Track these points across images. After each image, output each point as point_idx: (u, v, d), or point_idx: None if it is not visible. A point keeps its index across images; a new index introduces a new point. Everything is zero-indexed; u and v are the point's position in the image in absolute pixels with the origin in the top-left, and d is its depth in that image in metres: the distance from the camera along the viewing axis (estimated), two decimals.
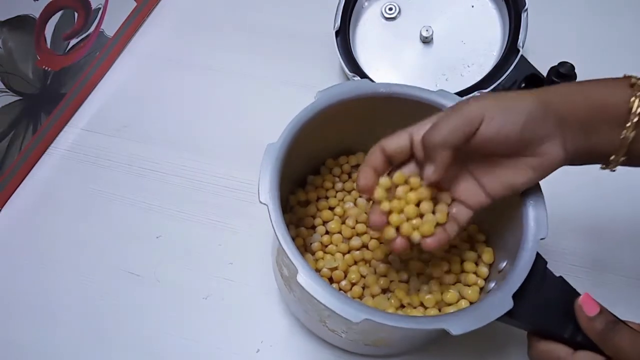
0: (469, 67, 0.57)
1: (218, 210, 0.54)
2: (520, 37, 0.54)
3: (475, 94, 0.53)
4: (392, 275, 0.43)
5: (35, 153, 0.58)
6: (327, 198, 0.48)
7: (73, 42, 0.58)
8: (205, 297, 0.50)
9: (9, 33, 0.49)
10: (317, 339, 0.47)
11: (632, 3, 0.64)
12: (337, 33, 0.58)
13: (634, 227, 0.51)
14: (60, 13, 0.55)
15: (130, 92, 0.63)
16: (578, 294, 0.35)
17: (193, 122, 0.60)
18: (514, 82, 0.54)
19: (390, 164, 0.37)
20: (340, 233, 0.45)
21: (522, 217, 0.37)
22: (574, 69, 0.53)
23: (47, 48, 0.55)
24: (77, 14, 0.57)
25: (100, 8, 0.60)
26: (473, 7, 0.58)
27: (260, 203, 0.36)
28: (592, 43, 0.62)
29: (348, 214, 0.46)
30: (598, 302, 0.34)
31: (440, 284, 0.42)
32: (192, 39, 0.66)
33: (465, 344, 0.45)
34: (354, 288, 0.43)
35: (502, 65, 0.54)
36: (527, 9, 0.54)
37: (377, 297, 0.42)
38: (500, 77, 0.54)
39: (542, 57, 0.55)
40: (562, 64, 0.53)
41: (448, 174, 0.35)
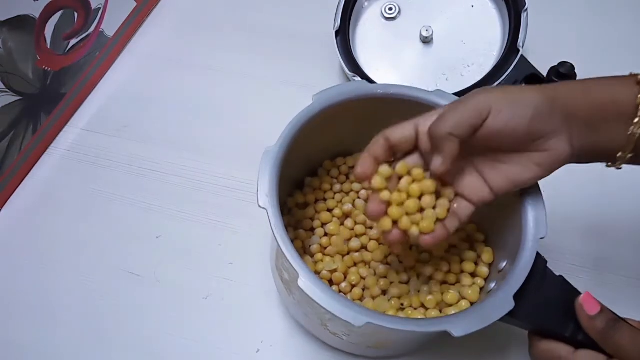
0: (469, 67, 0.57)
1: (218, 210, 0.54)
2: (520, 37, 0.54)
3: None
4: (392, 277, 0.43)
5: (35, 153, 0.58)
6: (325, 200, 0.48)
7: (73, 42, 0.58)
8: (205, 297, 0.50)
9: (9, 33, 0.49)
10: (317, 340, 0.47)
11: (632, 3, 0.64)
12: (337, 33, 0.58)
13: (635, 226, 0.51)
14: (60, 13, 0.55)
15: (130, 92, 0.63)
16: (579, 293, 0.35)
17: (193, 122, 0.60)
18: (514, 82, 0.55)
19: (393, 155, 0.36)
20: (340, 234, 0.45)
21: (521, 216, 0.37)
22: (574, 69, 0.53)
23: (47, 48, 0.55)
24: (77, 14, 0.57)
25: (100, 8, 0.60)
26: (473, 7, 0.58)
27: (260, 207, 0.36)
28: (592, 43, 0.62)
29: (347, 212, 0.46)
30: (599, 300, 0.34)
31: (441, 285, 0.42)
32: (192, 39, 0.66)
33: (466, 344, 0.45)
34: (354, 290, 0.43)
35: (502, 65, 0.54)
36: (527, 9, 0.54)
37: (377, 298, 0.42)
38: (500, 77, 0.54)
39: (542, 57, 0.55)
40: (562, 64, 0.53)
41: (453, 168, 0.35)
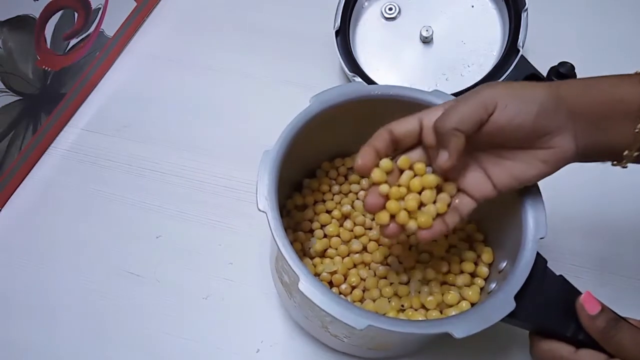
0: (469, 67, 0.57)
1: (218, 210, 0.54)
2: (520, 37, 0.54)
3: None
4: (392, 278, 0.43)
5: (35, 153, 0.58)
6: (324, 201, 0.47)
7: (73, 42, 0.58)
8: (205, 297, 0.50)
9: (9, 33, 0.49)
10: (317, 340, 0.47)
11: (632, 3, 0.64)
12: (337, 33, 0.58)
13: (635, 226, 0.51)
14: (60, 13, 0.55)
15: (130, 92, 0.63)
16: (579, 293, 0.35)
17: (193, 122, 0.60)
18: None
19: (395, 149, 0.36)
20: (339, 236, 0.45)
21: (521, 216, 0.37)
22: (574, 69, 0.53)
23: (47, 48, 0.55)
24: (77, 14, 0.57)
25: (100, 8, 0.60)
26: (473, 7, 0.59)
27: (259, 211, 0.36)
28: (592, 43, 0.62)
29: (346, 213, 0.46)
30: (599, 300, 0.34)
31: (441, 285, 0.42)
32: (192, 39, 0.66)
33: (467, 344, 0.45)
34: (354, 291, 0.43)
35: (502, 65, 0.54)
36: (527, 9, 0.54)
37: (377, 300, 0.42)
38: (500, 77, 0.54)
39: (542, 57, 0.55)
40: (562, 64, 0.53)
41: (457, 163, 0.34)
